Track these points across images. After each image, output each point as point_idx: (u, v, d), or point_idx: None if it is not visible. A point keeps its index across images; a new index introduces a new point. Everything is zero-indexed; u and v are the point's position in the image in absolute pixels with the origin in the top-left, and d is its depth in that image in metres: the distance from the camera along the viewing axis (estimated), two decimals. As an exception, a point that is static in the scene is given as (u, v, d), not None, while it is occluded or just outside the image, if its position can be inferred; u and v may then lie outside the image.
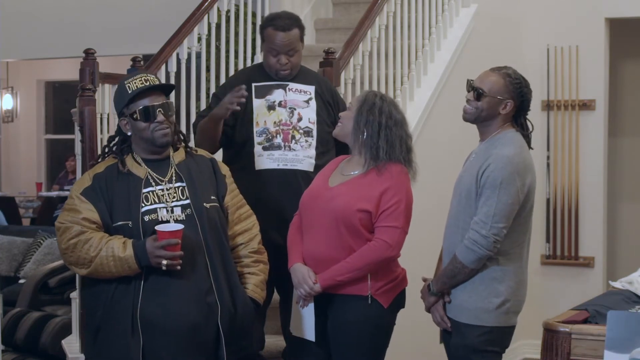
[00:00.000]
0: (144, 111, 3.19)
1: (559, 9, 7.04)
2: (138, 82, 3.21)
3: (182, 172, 3.27)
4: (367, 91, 3.56)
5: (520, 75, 3.37)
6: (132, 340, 3.07)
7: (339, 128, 3.53)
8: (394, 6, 5.35)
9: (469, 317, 3.29)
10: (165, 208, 3.17)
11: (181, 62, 4.93)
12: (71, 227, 3.12)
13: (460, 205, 3.31)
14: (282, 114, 3.84)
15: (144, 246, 3.06)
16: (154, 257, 3.05)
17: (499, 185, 3.19)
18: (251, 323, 3.28)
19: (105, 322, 3.12)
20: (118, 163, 3.23)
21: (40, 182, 12.44)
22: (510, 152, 3.24)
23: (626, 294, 4.30)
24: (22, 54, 9.48)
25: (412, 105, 5.40)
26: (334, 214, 3.34)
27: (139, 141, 3.25)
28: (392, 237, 3.34)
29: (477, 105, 3.33)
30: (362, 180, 3.40)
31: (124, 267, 3.08)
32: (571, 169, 7.00)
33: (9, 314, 6.20)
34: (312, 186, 3.52)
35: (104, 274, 3.10)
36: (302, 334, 3.43)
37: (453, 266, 3.28)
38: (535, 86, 7.09)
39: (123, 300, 3.10)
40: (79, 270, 3.15)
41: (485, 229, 3.19)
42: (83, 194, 3.17)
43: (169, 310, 3.08)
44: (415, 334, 4.64)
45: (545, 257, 7.06)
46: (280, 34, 3.79)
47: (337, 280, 3.33)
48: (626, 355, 2.82)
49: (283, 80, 3.88)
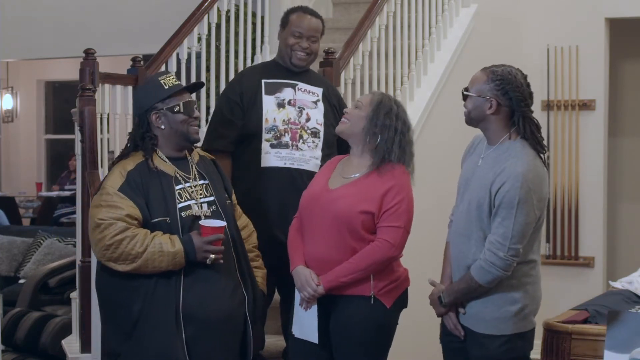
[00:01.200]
0: (186, 105, 3.29)
1: (559, 9, 7.04)
2: (172, 79, 3.32)
3: (202, 170, 3.37)
4: (380, 93, 3.52)
5: (510, 73, 3.21)
6: (175, 332, 3.15)
7: (346, 125, 3.47)
8: (394, 6, 5.35)
9: (487, 328, 3.23)
10: (196, 204, 3.27)
11: (181, 62, 4.93)
12: (115, 223, 3.14)
13: (471, 215, 3.23)
14: (291, 113, 3.84)
15: (192, 242, 3.16)
16: (201, 252, 3.17)
17: (515, 206, 3.10)
18: (262, 316, 3.50)
19: (146, 315, 3.17)
20: (148, 160, 3.27)
21: (40, 182, 12.45)
22: (523, 168, 3.12)
23: (626, 294, 4.30)
24: (22, 54, 9.48)
25: (412, 105, 5.40)
26: (336, 216, 3.33)
27: (172, 136, 3.31)
28: (394, 236, 3.33)
29: (466, 106, 3.27)
30: (364, 182, 3.39)
31: (174, 262, 3.15)
32: (571, 169, 7.00)
33: (9, 314, 6.20)
34: (312, 188, 3.50)
35: (150, 269, 3.15)
36: (305, 335, 3.41)
37: (468, 285, 3.22)
38: (535, 86, 7.03)
39: (165, 294, 3.17)
40: (120, 266, 3.15)
41: (502, 251, 3.12)
42: (121, 190, 3.19)
43: (208, 302, 3.19)
44: (416, 333, 4.64)
45: (545, 257, 7.05)
46: (308, 17, 3.87)
47: (340, 281, 3.32)
48: (626, 355, 2.82)
49: (296, 67, 3.89)
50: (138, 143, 3.30)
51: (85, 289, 3.99)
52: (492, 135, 3.25)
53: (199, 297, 3.18)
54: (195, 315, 3.16)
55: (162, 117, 3.28)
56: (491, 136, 3.26)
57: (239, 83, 3.93)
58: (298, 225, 3.49)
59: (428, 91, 5.54)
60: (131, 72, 4.67)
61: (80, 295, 4.09)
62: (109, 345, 3.31)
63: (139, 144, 3.30)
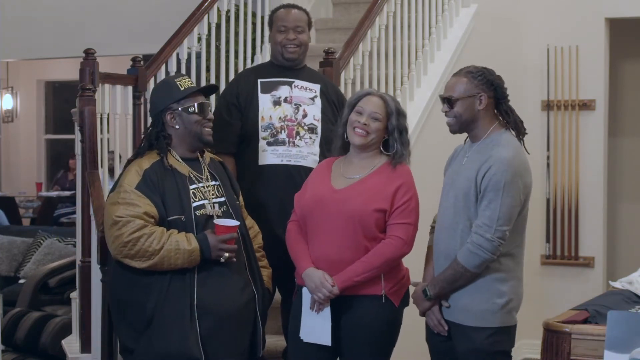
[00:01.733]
0: (201, 106, 3.37)
1: (559, 9, 7.05)
2: (188, 82, 3.40)
3: (213, 171, 3.45)
4: (389, 99, 3.49)
5: (483, 67, 3.34)
6: (190, 327, 3.20)
7: (367, 139, 3.42)
8: (394, 6, 5.35)
9: (475, 320, 3.27)
10: (209, 204, 3.35)
11: (181, 62, 4.93)
12: (133, 220, 3.20)
13: (457, 208, 3.29)
14: (287, 110, 3.87)
15: (207, 240, 3.25)
16: (216, 250, 3.25)
17: (502, 188, 3.18)
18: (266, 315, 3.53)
19: (160, 311, 3.22)
20: (163, 159, 3.34)
21: (40, 182, 12.45)
22: (509, 154, 3.22)
23: (626, 294, 4.30)
24: (22, 54, 9.47)
25: (412, 105, 5.40)
26: (350, 215, 3.33)
27: (186, 137, 3.38)
28: (406, 233, 3.36)
29: (455, 112, 3.31)
30: (372, 181, 3.40)
31: (189, 260, 3.23)
32: (571, 169, 7.00)
33: (9, 314, 6.21)
34: (313, 191, 3.46)
35: (165, 266, 3.22)
36: (316, 339, 3.38)
37: (454, 270, 3.25)
38: (535, 86, 7.13)
39: (180, 289, 3.23)
40: (136, 262, 3.21)
41: (490, 233, 3.18)
42: (138, 188, 3.25)
43: (222, 297, 3.27)
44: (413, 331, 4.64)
45: (545, 257, 7.06)
46: (290, 11, 3.92)
47: (354, 280, 3.32)
48: (626, 355, 2.82)
49: (289, 61, 3.91)
50: (153, 142, 3.37)
51: (85, 289, 3.99)
52: (480, 131, 3.33)
53: (212, 292, 3.25)
54: (210, 310, 3.24)
55: (177, 117, 3.36)
56: (478, 133, 3.34)
57: (236, 85, 3.97)
58: (297, 228, 3.48)
59: (428, 91, 5.54)
60: (131, 72, 4.67)
61: (80, 295, 4.09)
62: (122, 342, 3.36)
63: (154, 143, 3.37)
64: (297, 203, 3.50)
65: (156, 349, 3.21)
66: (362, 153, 3.46)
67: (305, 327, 3.41)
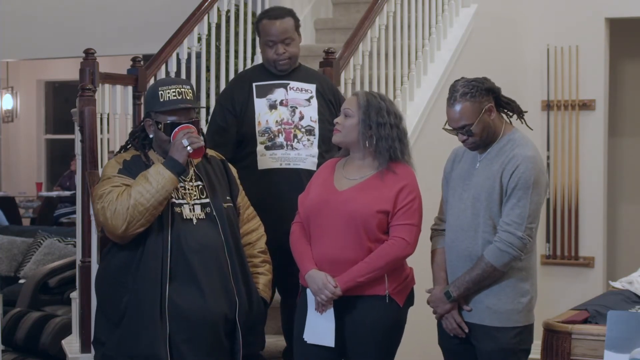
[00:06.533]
0: (171, 126, 3.29)
1: (559, 9, 7.04)
2: (172, 93, 3.29)
3: (201, 172, 3.39)
4: (364, 93, 3.47)
5: (467, 81, 3.32)
6: (159, 328, 3.17)
7: (341, 136, 3.44)
8: (394, 6, 5.35)
9: (501, 320, 3.27)
10: (188, 205, 3.29)
11: (181, 62, 4.93)
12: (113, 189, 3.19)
13: (476, 209, 3.29)
14: (283, 113, 3.83)
15: (169, 154, 3.21)
16: (179, 146, 3.19)
17: (531, 186, 3.22)
18: (261, 322, 3.43)
19: (131, 309, 3.20)
20: (142, 155, 3.33)
21: (40, 182, 12.45)
22: (532, 152, 3.28)
23: (626, 294, 4.30)
24: (22, 54, 9.48)
25: (412, 105, 5.40)
26: (352, 216, 3.32)
27: (159, 146, 3.36)
28: (409, 234, 3.35)
29: (475, 136, 3.30)
30: (374, 182, 3.38)
31: (162, 178, 3.16)
32: (571, 169, 7.00)
33: (9, 314, 6.20)
34: (316, 192, 3.45)
35: (147, 200, 3.15)
36: (319, 340, 3.37)
37: (482, 270, 3.25)
38: (535, 86, 7.13)
39: (151, 289, 3.19)
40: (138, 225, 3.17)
41: (520, 231, 3.21)
42: (119, 173, 3.27)
43: (195, 302, 3.20)
44: (417, 332, 4.64)
45: (545, 257, 7.06)
46: (274, 22, 3.81)
47: (357, 281, 3.31)
48: (626, 355, 2.82)
49: (283, 72, 3.86)
50: (132, 141, 3.39)
51: (85, 289, 3.99)
52: (493, 135, 3.33)
53: (184, 296, 3.19)
54: (180, 313, 3.18)
55: (152, 127, 3.34)
56: (492, 137, 3.33)
57: (231, 90, 3.92)
58: (300, 229, 3.47)
59: (428, 91, 5.54)
60: (131, 72, 4.67)
61: (80, 295, 4.09)
62: (96, 333, 3.37)
63: (132, 143, 3.38)
64: (301, 204, 3.49)
65: (124, 345, 3.21)
66: (359, 153, 3.45)
67: (309, 329, 3.40)
